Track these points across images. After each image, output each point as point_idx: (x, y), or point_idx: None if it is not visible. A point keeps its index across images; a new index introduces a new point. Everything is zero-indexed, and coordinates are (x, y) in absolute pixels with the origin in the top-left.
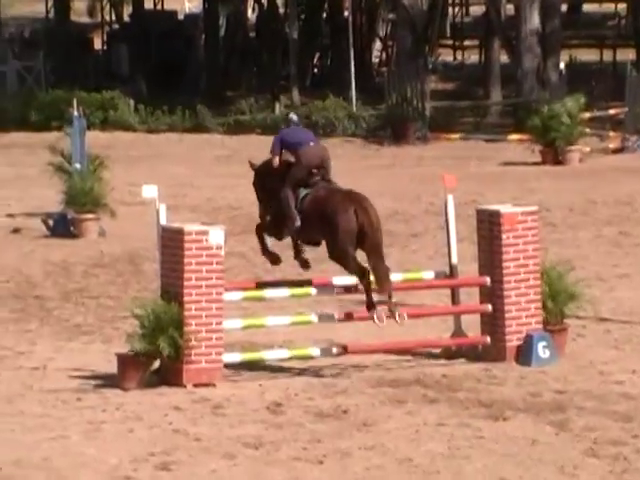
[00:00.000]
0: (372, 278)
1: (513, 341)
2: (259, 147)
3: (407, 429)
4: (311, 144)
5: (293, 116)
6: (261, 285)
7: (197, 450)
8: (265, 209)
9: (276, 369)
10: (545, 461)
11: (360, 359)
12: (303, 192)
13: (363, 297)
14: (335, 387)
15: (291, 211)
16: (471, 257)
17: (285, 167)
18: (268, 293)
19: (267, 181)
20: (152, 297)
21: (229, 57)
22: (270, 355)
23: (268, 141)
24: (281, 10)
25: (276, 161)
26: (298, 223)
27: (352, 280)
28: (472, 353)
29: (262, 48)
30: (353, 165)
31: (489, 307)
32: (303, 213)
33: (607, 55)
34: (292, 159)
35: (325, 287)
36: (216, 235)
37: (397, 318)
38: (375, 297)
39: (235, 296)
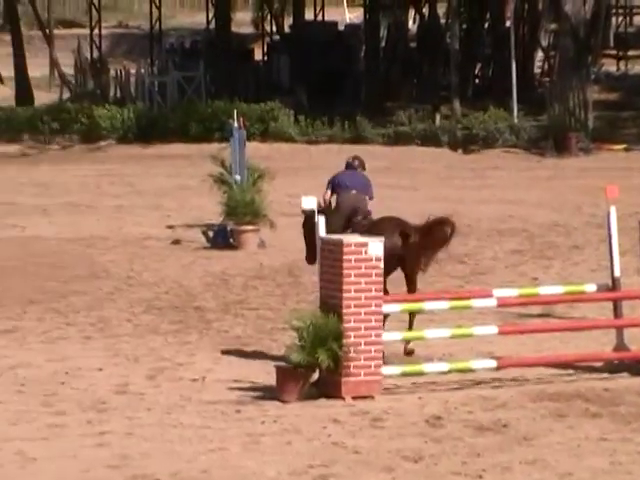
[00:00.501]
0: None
1: None
2: (419, 159)
3: (568, 443)
4: (352, 192)
5: (354, 162)
6: (421, 297)
7: (356, 463)
8: (310, 252)
9: (436, 382)
10: None
11: (520, 372)
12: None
13: (524, 310)
14: (495, 400)
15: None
16: (634, 270)
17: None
18: (427, 305)
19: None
20: (311, 309)
21: (389, 67)
22: (429, 368)
23: (428, 153)
24: (442, 20)
25: (324, 199)
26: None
27: (514, 292)
28: (635, 367)
29: (423, 58)
30: (513, 177)
31: None
32: None
33: None
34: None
35: (486, 299)
36: (375, 247)
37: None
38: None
39: (394, 308)
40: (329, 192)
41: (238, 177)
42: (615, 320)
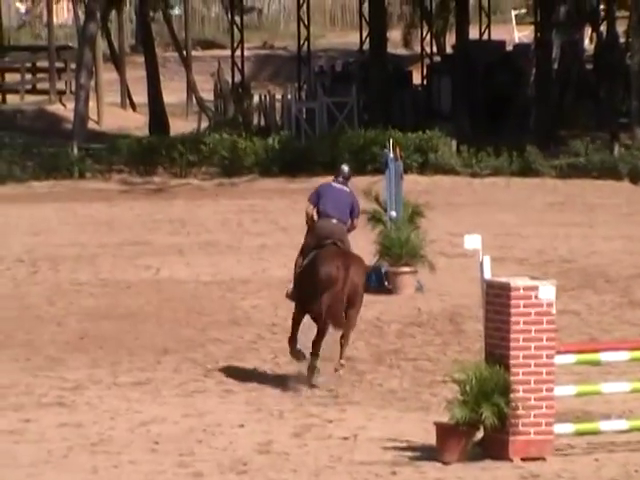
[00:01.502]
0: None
1: None
2: (595, 193)
3: None
4: (332, 221)
5: (344, 167)
6: (597, 347)
7: None
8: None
9: (614, 442)
10: None
11: None
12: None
13: None
14: None
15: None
16: None
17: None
18: (605, 356)
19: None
20: (474, 360)
21: (563, 92)
22: (607, 426)
23: (606, 186)
24: (622, 39)
25: (307, 214)
26: (290, 286)
27: None
28: None
29: (600, 81)
30: None
31: None
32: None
33: None
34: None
35: None
36: (547, 291)
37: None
38: None
39: (568, 359)
40: (311, 207)
41: (394, 213)
42: None
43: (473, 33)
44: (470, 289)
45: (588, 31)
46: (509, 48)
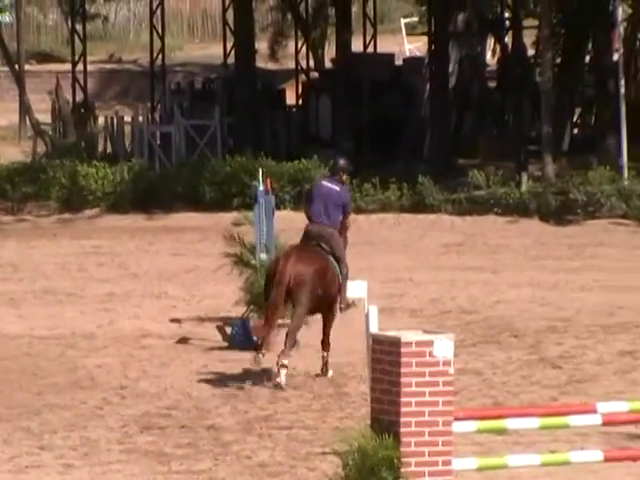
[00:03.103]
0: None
1: None
2: (500, 233)
3: None
4: (321, 224)
5: (338, 160)
6: (502, 412)
7: None
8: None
9: None
10: None
11: None
12: None
13: (634, 430)
14: None
15: None
16: None
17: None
18: (511, 423)
19: None
20: (359, 428)
21: (461, 114)
22: None
23: (512, 225)
24: (530, 53)
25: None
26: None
27: (624, 406)
28: None
29: (505, 102)
30: (624, 256)
31: None
32: None
33: None
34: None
35: (588, 415)
36: (443, 346)
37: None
38: None
39: (468, 427)
40: (308, 202)
41: (264, 256)
42: None
43: (356, 45)
44: (354, 345)
45: (491, 43)
46: (399, 62)
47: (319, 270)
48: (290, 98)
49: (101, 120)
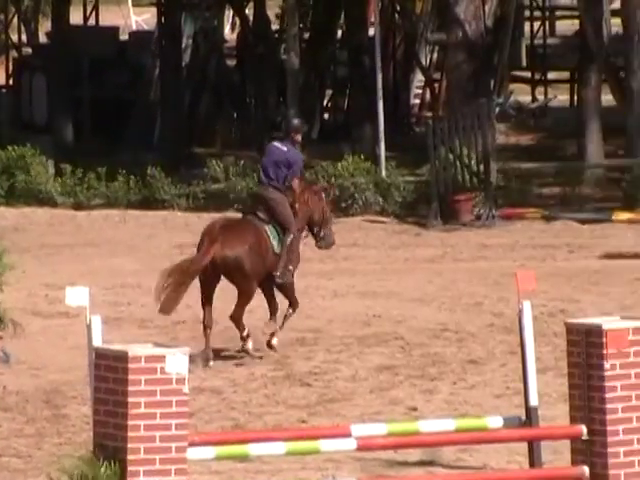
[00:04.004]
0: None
1: None
2: None
3: None
4: (265, 187)
5: (291, 120)
6: (244, 436)
7: None
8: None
9: None
10: None
11: None
12: None
13: (397, 455)
14: None
15: None
16: (559, 396)
17: None
18: (254, 448)
19: None
20: (80, 455)
21: (197, 96)
22: None
23: None
24: (275, 27)
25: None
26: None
27: (381, 429)
28: None
29: (246, 83)
30: (381, 257)
31: (585, 471)
32: None
33: None
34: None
35: (340, 439)
36: (177, 361)
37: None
38: None
39: (205, 453)
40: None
41: None
42: (530, 471)
43: (75, 17)
44: (74, 360)
45: (229, 15)
46: (124, 37)
47: (250, 248)
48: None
49: None
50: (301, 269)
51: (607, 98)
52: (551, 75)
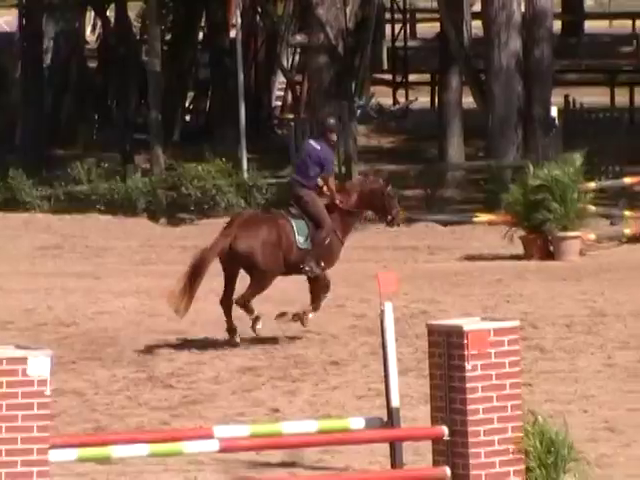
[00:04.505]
0: None
1: None
2: (102, 233)
3: None
4: (298, 185)
5: (327, 120)
6: (106, 438)
7: None
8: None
9: None
10: None
11: None
12: None
13: (259, 457)
14: None
15: None
16: (420, 397)
17: None
18: (117, 450)
19: None
20: None
21: (58, 98)
22: None
23: (117, 224)
24: (136, 28)
25: None
26: None
27: (244, 430)
28: None
29: (108, 84)
30: None
31: (447, 471)
32: None
33: (621, 96)
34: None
35: (203, 441)
36: (39, 364)
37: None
38: None
39: (67, 455)
40: None
41: None
42: (392, 472)
43: None
44: None
45: (91, 16)
46: None
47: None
48: None
49: None
50: (164, 271)
51: (468, 100)
52: (412, 77)
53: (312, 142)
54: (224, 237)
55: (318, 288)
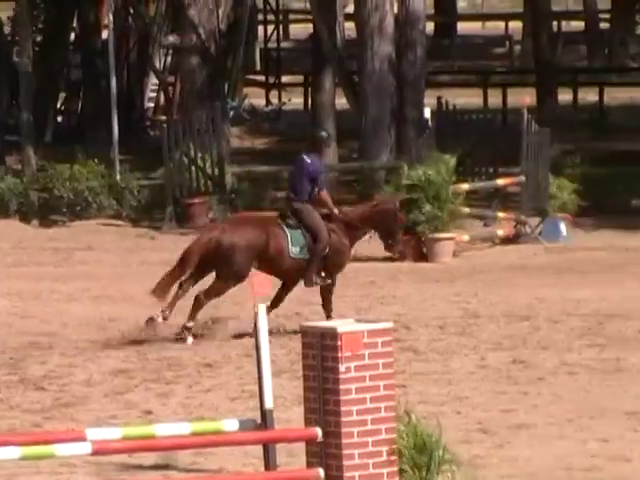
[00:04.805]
0: None
1: None
2: None
3: None
4: (292, 200)
5: (319, 133)
6: None
7: None
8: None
9: None
10: None
11: None
12: None
13: (132, 459)
14: None
15: None
16: (294, 398)
17: None
18: None
19: None
20: None
21: None
22: None
23: None
24: (7, 29)
25: None
26: None
27: (117, 433)
28: None
29: None
30: (115, 262)
31: (320, 473)
32: None
33: (494, 97)
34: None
35: (75, 443)
36: None
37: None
38: None
39: None
40: None
41: None
42: (265, 474)
43: None
44: None
45: None
46: None
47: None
48: None
49: None
50: (34, 273)
51: (341, 102)
52: (285, 79)
53: (304, 156)
54: (213, 229)
55: (325, 292)
